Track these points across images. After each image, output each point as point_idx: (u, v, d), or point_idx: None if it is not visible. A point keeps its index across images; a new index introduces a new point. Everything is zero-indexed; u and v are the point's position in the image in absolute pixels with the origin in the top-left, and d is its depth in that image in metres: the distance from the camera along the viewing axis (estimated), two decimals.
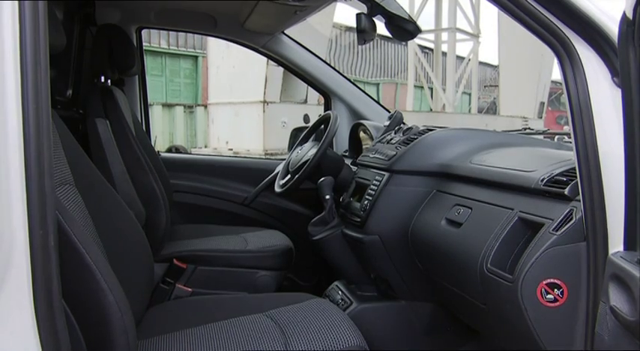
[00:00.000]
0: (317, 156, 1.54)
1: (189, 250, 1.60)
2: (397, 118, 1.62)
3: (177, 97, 10.17)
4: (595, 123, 0.79)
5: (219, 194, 2.07)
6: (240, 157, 4.67)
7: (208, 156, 2.63)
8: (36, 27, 0.59)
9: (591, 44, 0.79)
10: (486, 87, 15.66)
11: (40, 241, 0.59)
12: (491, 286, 0.94)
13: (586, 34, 0.79)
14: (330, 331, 0.98)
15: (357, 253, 1.47)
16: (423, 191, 1.29)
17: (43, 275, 0.60)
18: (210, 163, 2.20)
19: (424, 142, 1.34)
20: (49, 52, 0.60)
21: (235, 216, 2.07)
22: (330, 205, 1.49)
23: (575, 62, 0.80)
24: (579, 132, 0.80)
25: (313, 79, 2.02)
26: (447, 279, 1.16)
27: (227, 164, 2.20)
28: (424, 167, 1.30)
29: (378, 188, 1.35)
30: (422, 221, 1.25)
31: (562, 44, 0.81)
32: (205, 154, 6.13)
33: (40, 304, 0.60)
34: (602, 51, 0.79)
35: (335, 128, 1.57)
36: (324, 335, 0.97)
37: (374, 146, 1.54)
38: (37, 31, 0.59)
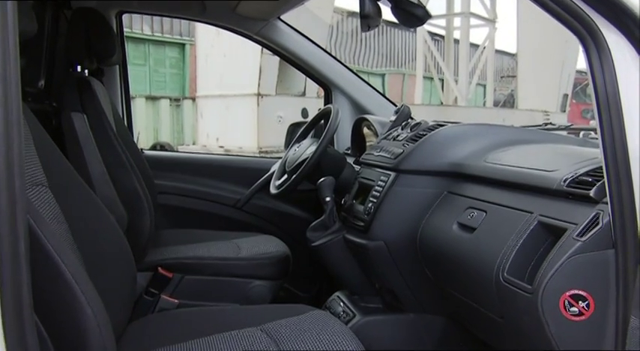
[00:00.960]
0: (316, 154, 1.54)
1: (175, 257, 1.59)
2: (404, 112, 1.61)
3: (163, 88, 10.17)
4: (624, 117, 0.78)
5: (208, 196, 2.07)
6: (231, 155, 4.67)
7: (197, 154, 2.63)
8: (4, 11, 0.58)
9: (621, 29, 0.79)
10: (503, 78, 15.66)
11: (9, 248, 0.59)
12: (509, 297, 0.94)
13: (615, 18, 0.79)
14: (330, 347, 0.98)
15: (361, 260, 1.47)
16: (433, 193, 1.29)
17: (12, 285, 0.59)
18: (199, 161, 2.20)
19: (434, 139, 1.34)
20: (18, 39, 0.60)
21: (227, 220, 2.07)
22: (330, 207, 1.49)
23: (603, 49, 0.79)
24: (606, 127, 0.80)
25: (312, 70, 2.02)
26: (460, 289, 1.16)
27: (217, 163, 2.20)
28: (434, 166, 1.30)
29: (383, 189, 1.35)
30: (431, 226, 1.25)
31: (588, 30, 0.80)
32: (193, 151, 6.14)
33: (9, 317, 0.59)
34: (634, 37, 0.78)
35: (336, 124, 1.57)
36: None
37: (379, 143, 1.54)
38: (4, 16, 0.58)
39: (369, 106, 2.03)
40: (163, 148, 8.14)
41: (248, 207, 2.07)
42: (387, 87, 13.23)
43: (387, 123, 1.66)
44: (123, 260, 1.07)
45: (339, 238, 1.48)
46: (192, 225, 2.00)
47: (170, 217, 2.04)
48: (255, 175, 2.08)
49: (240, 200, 2.07)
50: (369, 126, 1.84)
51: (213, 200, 2.07)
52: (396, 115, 1.63)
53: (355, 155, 1.89)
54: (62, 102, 1.53)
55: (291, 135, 2.11)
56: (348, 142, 1.95)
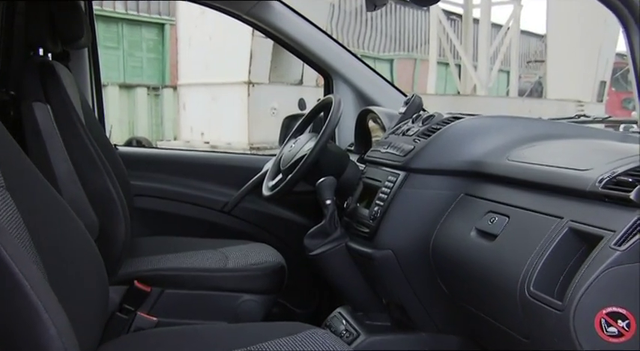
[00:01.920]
0: (315, 151, 1.54)
1: (154, 268, 1.60)
2: (415, 103, 1.62)
3: (139, 75, 10.17)
4: None
5: (192, 199, 2.08)
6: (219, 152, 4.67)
7: (179, 151, 2.63)
8: None
9: None
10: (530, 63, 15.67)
11: None
12: (536, 315, 0.94)
13: None
14: None
15: (366, 272, 1.47)
16: (448, 195, 1.29)
17: None
18: (182, 159, 2.20)
19: (450, 134, 1.34)
20: None
21: (213, 226, 2.07)
22: (331, 212, 1.49)
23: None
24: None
25: (310, 55, 2.02)
26: (479, 305, 1.16)
27: (203, 161, 2.20)
28: (449, 165, 1.30)
29: (391, 191, 1.35)
30: (447, 232, 1.25)
31: (630, 8, 0.80)
32: (175, 148, 6.13)
33: None
34: None
35: (337, 116, 1.57)
36: None
37: (386, 139, 1.54)
38: None
39: (375, 97, 2.03)
40: (140, 143, 8.15)
41: (237, 211, 2.07)
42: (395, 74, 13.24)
43: (395, 115, 1.66)
44: (93, 272, 1.07)
45: (340, 247, 1.49)
46: (173, 232, 2.00)
47: (148, 223, 2.04)
48: (245, 174, 2.09)
49: (229, 203, 2.07)
50: (375, 119, 1.84)
51: (197, 203, 2.08)
52: (405, 106, 1.63)
53: (359, 152, 1.89)
54: (22, 90, 1.53)
55: (287, 129, 2.11)
56: (351, 138, 1.95)
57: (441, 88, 13.19)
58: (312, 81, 6.86)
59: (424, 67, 12.94)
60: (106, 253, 1.17)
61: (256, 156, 2.84)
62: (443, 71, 13.17)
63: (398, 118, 1.62)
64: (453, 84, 12.95)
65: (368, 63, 2.13)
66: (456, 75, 12.40)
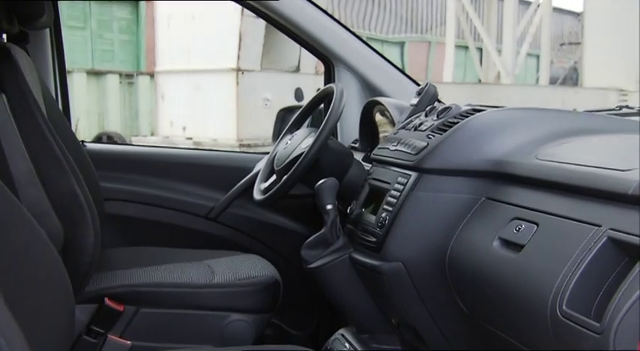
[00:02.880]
0: (314, 148, 1.55)
1: (127, 284, 1.60)
2: (429, 93, 1.62)
3: (110, 60, 10.18)
4: None
5: (172, 203, 2.09)
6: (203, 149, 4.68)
7: (157, 148, 2.64)
8: None
9: None
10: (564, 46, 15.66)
11: None
12: (569, 338, 0.94)
13: None
14: None
15: (372, 287, 1.47)
16: (467, 199, 1.29)
17: None
18: (160, 158, 2.21)
19: (469, 129, 1.34)
20: None
21: (196, 235, 2.08)
22: (332, 218, 1.49)
23: None
24: None
25: (308, 38, 2.03)
26: (503, 326, 1.16)
27: (184, 160, 2.21)
28: (469, 164, 1.31)
29: (401, 194, 1.35)
30: (465, 242, 1.25)
31: None
32: (152, 145, 6.14)
33: None
34: None
35: (340, 109, 1.57)
36: None
37: (396, 134, 1.54)
38: None
39: (383, 86, 2.04)
40: (112, 139, 8.17)
41: (224, 218, 2.08)
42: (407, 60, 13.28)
43: (406, 108, 1.66)
44: (57, 289, 1.07)
45: (343, 259, 1.49)
46: (150, 242, 2.01)
47: (121, 232, 2.05)
48: (233, 175, 2.09)
49: (215, 209, 2.08)
50: (382, 112, 1.84)
51: (178, 209, 2.09)
52: (418, 97, 1.63)
53: (365, 150, 1.89)
54: None
55: (282, 123, 2.12)
56: (356, 133, 1.96)
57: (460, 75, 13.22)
58: (310, 68, 6.87)
59: (440, 52, 12.96)
60: (71, 267, 1.17)
61: (246, 154, 2.84)
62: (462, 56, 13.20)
63: (409, 111, 1.63)
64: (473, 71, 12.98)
65: (375, 47, 2.13)
66: (477, 60, 12.42)
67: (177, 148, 4.83)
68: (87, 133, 8.54)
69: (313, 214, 1.90)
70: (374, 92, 2.03)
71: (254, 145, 6.90)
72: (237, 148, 6.72)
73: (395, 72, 2.08)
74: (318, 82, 2.51)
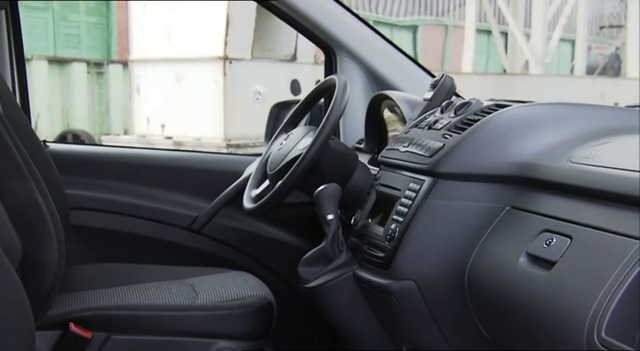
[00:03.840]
0: (313, 150, 1.55)
1: (97, 307, 1.60)
2: (446, 86, 1.62)
3: (76, 47, 10.17)
4: None
5: (149, 213, 2.09)
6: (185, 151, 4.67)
7: (131, 149, 2.63)
8: None
9: None
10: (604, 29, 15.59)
11: None
12: None
13: None
14: None
15: (379, 309, 1.47)
16: (489, 208, 1.29)
17: None
18: (135, 160, 2.21)
19: (492, 127, 1.35)
20: None
21: (177, 249, 2.08)
22: (334, 230, 1.50)
23: None
24: None
25: (306, 22, 2.03)
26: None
27: (163, 163, 2.21)
28: (491, 168, 1.31)
29: (413, 203, 1.36)
30: (487, 258, 1.25)
31: None
32: (126, 145, 6.14)
33: None
34: None
35: (343, 104, 1.57)
36: None
37: (407, 134, 1.55)
38: None
39: (393, 78, 2.04)
40: (78, 139, 8.16)
41: (210, 229, 2.08)
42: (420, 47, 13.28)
43: (419, 102, 1.67)
44: (14, 312, 1.07)
45: (346, 277, 1.49)
46: (123, 257, 2.00)
47: (89, 246, 2.05)
48: (220, 180, 2.09)
49: (199, 219, 2.08)
50: (392, 107, 1.85)
51: (155, 219, 2.09)
52: (433, 90, 1.63)
53: (371, 151, 1.89)
54: None
55: (275, 121, 2.12)
56: (360, 132, 1.97)
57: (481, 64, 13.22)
58: (309, 57, 6.87)
59: (458, 37, 12.96)
60: (31, 287, 1.17)
61: (235, 156, 2.84)
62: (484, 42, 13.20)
63: (422, 107, 1.63)
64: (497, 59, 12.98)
65: (383, 32, 2.13)
66: (502, 47, 12.41)
67: (155, 149, 4.82)
68: (49, 131, 8.53)
69: (312, 225, 1.90)
70: (382, 85, 2.03)
71: (244, 145, 6.90)
72: (224, 149, 6.71)
73: (406, 61, 2.08)
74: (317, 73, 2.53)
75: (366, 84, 2.05)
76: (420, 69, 2.07)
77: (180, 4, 7.01)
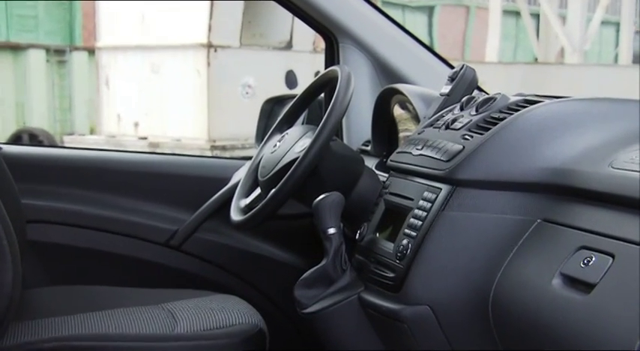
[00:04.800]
0: (312, 153, 1.56)
1: (59, 337, 1.59)
2: (467, 78, 1.63)
3: (32, 30, 10.14)
4: None
5: (120, 226, 2.09)
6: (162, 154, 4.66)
7: (99, 152, 2.63)
8: None
9: None
10: None
11: None
12: None
13: None
14: None
15: (389, 338, 1.47)
16: (517, 221, 1.30)
17: None
18: (103, 165, 2.21)
19: (520, 127, 1.35)
20: None
21: (153, 268, 2.09)
22: (336, 246, 1.50)
23: None
24: None
25: (304, 4, 2.04)
26: None
27: (137, 168, 2.21)
28: (519, 175, 1.31)
29: (428, 215, 1.36)
30: (515, 279, 1.25)
31: None
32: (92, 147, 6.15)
33: None
34: None
35: (346, 100, 1.58)
36: None
37: (421, 134, 1.55)
38: None
39: (405, 68, 2.05)
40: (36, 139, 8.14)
41: (191, 245, 2.09)
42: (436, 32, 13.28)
43: (435, 98, 1.68)
44: None
45: (350, 301, 1.49)
46: (89, 278, 2.00)
47: (50, 265, 2.05)
48: (203, 188, 2.10)
49: (178, 233, 2.08)
50: (403, 103, 1.86)
51: (128, 234, 2.09)
52: (451, 83, 1.64)
53: (379, 154, 1.90)
54: None
55: (268, 119, 2.13)
56: (367, 132, 1.98)
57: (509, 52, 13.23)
58: (306, 44, 6.87)
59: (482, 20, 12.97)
60: None
61: (221, 160, 2.85)
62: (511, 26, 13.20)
63: (439, 103, 1.63)
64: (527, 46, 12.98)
65: (393, 15, 2.14)
66: (533, 31, 12.40)
67: (127, 151, 4.82)
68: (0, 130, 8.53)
69: (310, 240, 1.90)
70: (392, 77, 2.04)
71: (231, 147, 6.89)
72: (208, 152, 6.71)
73: (420, 49, 2.09)
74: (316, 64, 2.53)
75: (373, 76, 2.06)
76: (436, 58, 2.07)
77: None
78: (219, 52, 6.88)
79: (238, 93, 6.86)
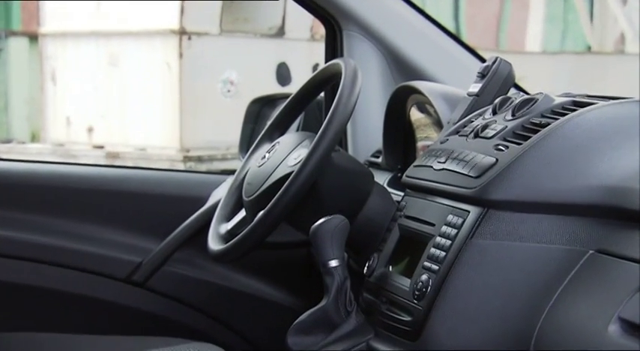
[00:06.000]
0: (309, 167, 1.56)
1: None
2: (501, 74, 1.64)
3: None
4: None
5: (70, 258, 2.09)
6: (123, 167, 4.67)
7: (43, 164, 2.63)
8: None
9: None
10: None
11: None
12: None
13: None
14: None
15: None
16: (565, 252, 1.30)
17: None
18: (49, 180, 2.22)
19: (568, 135, 1.36)
20: None
21: (112, 310, 2.09)
22: (339, 283, 1.50)
23: None
24: None
25: None
26: None
27: (91, 184, 2.22)
28: (567, 195, 1.32)
29: (453, 244, 1.37)
30: (562, 324, 1.26)
31: None
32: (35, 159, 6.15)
33: None
34: None
35: (352, 101, 1.58)
36: None
37: (444, 143, 1.56)
38: None
39: (423, 62, 2.06)
40: None
41: (159, 281, 2.09)
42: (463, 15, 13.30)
43: (461, 98, 1.69)
44: None
45: (358, 350, 1.50)
46: (29, 324, 2.01)
47: None
48: (174, 210, 2.11)
49: (143, 266, 2.09)
50: (422, 105, 1.87)
51: (80, 267, 2.09)
52: (481, 80, 1.65)
53: (393, 168, 1.91)
54: None
55: (255, 123, 2.13)
56: (377, 141, 1.98)
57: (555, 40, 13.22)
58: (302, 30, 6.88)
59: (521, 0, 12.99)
60: None
61: (196, 175, 2.85)
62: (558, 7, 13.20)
63: (467, 105, 1.65)
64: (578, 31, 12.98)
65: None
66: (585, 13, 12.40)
67: (79, 164, 4.82)
68: None
69: (307, 275, 1.91)
70: (407, 72, 2.05)
71: (208, 158, 6.89)
72: (180, 165, 6.71)
73: (443, 38, 2.10)
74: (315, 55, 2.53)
75: (385, 71, 2.07)
76: (463, 49, 2.09)
77: None
78: (194, 40, 6.88)
79: (218, 91, 6.86)
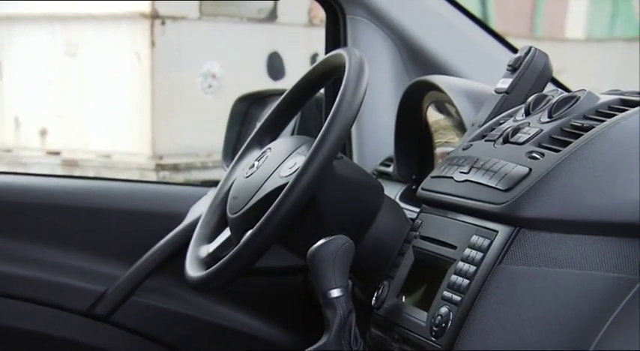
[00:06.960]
0: (306, 178, 1.57)
1: None
2: (535, 67, 1.65)
3: None
4: None
5: (21, 288, 2.11)
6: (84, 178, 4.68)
7: None
8: None
9: None
10: None
11: None
12: None
13: None
14: None
15: None
16: (613, 280, 1.31)
17: None
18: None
19: (615, 141, 1.37)
20: None
21: (73, 348, 2.11)
22: (342, 316, 1.50)
23: None
24: None
25: None
26: None
27: (44, 199, 2.22)
28: (614, 212, 1.33)
29: (478, 270, 1.37)
30: None
31: None
32: None
33: None
34: None
35: (357, 99, 1.59)
36: None
37: (467, 150, 1.57)
38: None
39: (443, 52, 2.08)
40: None
41: (126, 314, 2.10)
42: None
43: (488, 96, 1.69)
44: None
45: None
46: None
47: None
48: (145, 229, 2.12)
49: (107, 297, 2.09)
50: (441, 104, 1.87)
51: (33, 299, 2.10)
52: (513, 74, 1.66)
53: (406, 179, 1.92)
54: None
55: (242, 125, 2.14)
56: (387, 147, 2.00)
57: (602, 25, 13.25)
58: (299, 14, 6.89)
59: None
60: None
61: (171, 186, 2.85)
62: None
63: (494, 104, 1.66)
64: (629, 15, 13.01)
65: None
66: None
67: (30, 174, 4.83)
68: None
69: (304, 306, 1.91)
70: (424, 65, 2.06)
71: (186, 167, 6.90)
72: (152, 174, 6.72)
73: (467, 24, 2.12)
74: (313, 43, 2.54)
75: (397, 63, 2.08)
76: (490, 37, 2.10)
77: None
78: (169, 25, 6.88)
79: (197, 86, 6.87)
